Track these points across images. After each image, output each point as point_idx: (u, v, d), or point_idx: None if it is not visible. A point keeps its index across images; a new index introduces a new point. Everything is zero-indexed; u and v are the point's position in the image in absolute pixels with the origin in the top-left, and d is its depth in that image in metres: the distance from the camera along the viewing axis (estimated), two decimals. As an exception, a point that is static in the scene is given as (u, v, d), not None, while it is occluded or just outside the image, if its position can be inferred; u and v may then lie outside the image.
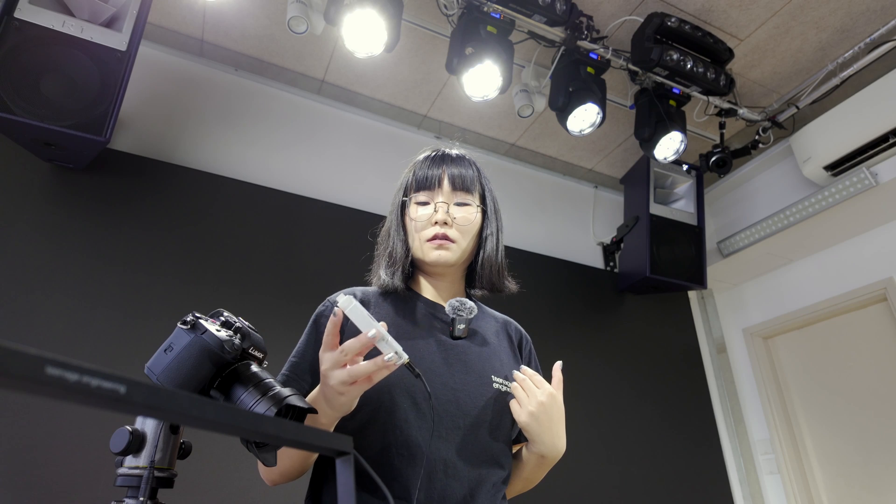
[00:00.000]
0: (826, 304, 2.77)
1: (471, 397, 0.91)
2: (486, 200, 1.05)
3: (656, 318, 3.02)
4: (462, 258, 1.01)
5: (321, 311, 0.99)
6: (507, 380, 0.96)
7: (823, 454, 2.74)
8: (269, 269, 2.13)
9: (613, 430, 2.58)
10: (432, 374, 0.91)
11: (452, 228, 0.98)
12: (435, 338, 0.97)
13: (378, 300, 1.02)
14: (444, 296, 1.04)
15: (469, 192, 1.01)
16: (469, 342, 0.98)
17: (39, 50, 1.68)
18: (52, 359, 0.25)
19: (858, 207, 2.53)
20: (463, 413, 0.90)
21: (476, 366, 0.95)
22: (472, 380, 0.93)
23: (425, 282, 1.06)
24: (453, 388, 0.91)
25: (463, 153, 1.08)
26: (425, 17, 2.23)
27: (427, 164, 1.03)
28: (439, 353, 0.94)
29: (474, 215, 1.01)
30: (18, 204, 1.82)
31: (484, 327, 1.04)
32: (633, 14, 2.24)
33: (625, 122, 2.76)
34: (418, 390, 0.89)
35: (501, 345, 1.03)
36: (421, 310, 1.01)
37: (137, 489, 0.62)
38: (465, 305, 0.97)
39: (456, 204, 1.00)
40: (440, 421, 0.88)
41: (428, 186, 1.00)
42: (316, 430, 0.46)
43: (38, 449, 1.56)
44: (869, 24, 2.26)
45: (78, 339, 1.74)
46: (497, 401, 0.93)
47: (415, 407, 0.88)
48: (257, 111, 2.45)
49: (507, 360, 1.01)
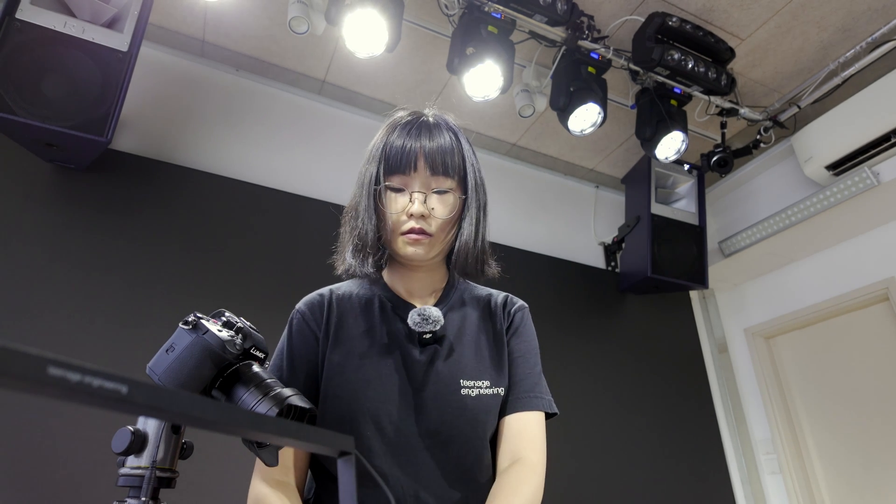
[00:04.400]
0: (828, 303, 2.76)
1: (438, 412, 0.87)
2: (467, 179, 0.94)
3: (657, 318, 3.02)
4: (439, 250, 0.93)
5: (290, 318, 0.96)
6: (479, 379, 0.91)
7: (825, 454, 2.74)
8: (270, 268, 2.13)
9: (614, 431, 2.58)
10: (393, 398, 0.87)
11: (429, 220, 0.89)
12: (400, 350, 0.91)
13: (344, 306, 0.95)
14: (418, 286, 0.98)
15: (448, 174, 0.90)
16: (438, 347, 0.91)
17: (41, 51, 1.68)
18: (54, 359, 0.26)
19: (860, 207, 2.52)
20: (429, 434, 0.86)
21: (444, 375, 0.89)
22: (439, 392, 0.88)
23: (398, 271, 0.99)
24: (417, 410, 0.87)
25: (442, 118, 0.96)
26: (426, 17, 2.23)
27: (402, 135, 0.91)
28: (403, 371, 0.89)
29: (454, 205, 0.91)
30: (20, 204, 1.82)
31: (461, 319, 0.97)
32: (634, 14, 2.24)
33: (626, 122, 2.76)
34: (383, 414, 0.85)
35: (480, 336, 0.96)
36: (388, 314, 0.94)
37: (139, 489, 0.62)
38: (428, 319, 0.88)
39: (434, 192, 0.90)
40: (404, 450, 0.85)
41: (402, 170, 0.89)
42: (316, 430, 0.46)
43: (40, 449, 1.57)
44: (870, 24, 2.26)
45: (80, 339, 1.74)
46: (467, 409, 0.88)
47: (379, 433, 0.84)
48: (258, 111, 2.45)
49: (485, 353, 0.95)
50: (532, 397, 0.94)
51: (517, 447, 0.90)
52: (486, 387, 0.91)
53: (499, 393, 0.92)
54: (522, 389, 0.95)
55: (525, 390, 0.95)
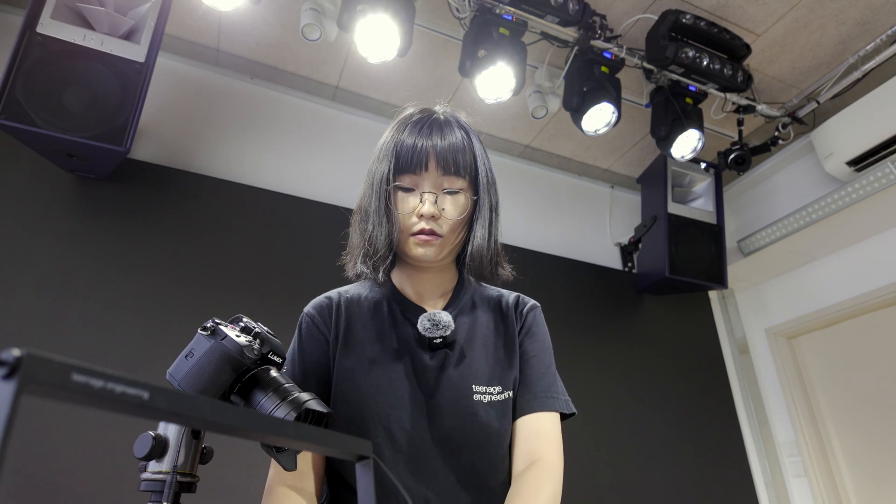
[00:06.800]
0: (851, 302, 2.71)
1: (450, 418, 0.86)
2: (479, 178, 0.92)
3: (676, 319, 2.98)
4: (450, 251, 0.92)
5: (299, 322, 0.95)
6: (491, 384, 0.89)
7: (851, 456, 2.68)
8: (286, 274, 2.15)
9: (635, 434, 2.54)
10: (404, 404, 0.86)
11: (440, 222, 0.88)
12: (410, 356, 0.89)
13: (353, 309, 0.95)
14: (428, 288, 0.97)
15: (459, 174, 0.89)
16: (449, 351, 0.90)
17: (61, 63, 1.72)
18: (77, 366, 0.26)
19: (883, 203, 2.47)
20: (441, 440, 0.85)
21: (455, 380, 0.88)
22: (451, 398, 0.87)
23: (407, 272, 0.97)
24: (429, 416, 0.86)
25: (452, 116, 0.95)
26: (437, 21, 2.24)
27: (413, 133, 0.89)
28: (413, 377, 0.88)
29: (465, 205, 0.90)
30: (43, 214, 1.86)
31: (472, 322, 0.95)
32: (646, 12, 2.22)
33: (640, 121, 2.73)
34: (394, 420, 0.84)
35: (491, 338, 0.95)
36: (398, 318, 0.93)
37: (161, 494, 0.63)
38: (438, 324, 0.87)
39: (445, 192, 0.89)
40: (415, 457, 0.84)
41: (412, 169, 0.87)
42: (335, 435, 0.46)
43: (64, 454, 1.59)
44: (890, 16, 2.21)
45: (101, 345, 1.77)
46: (479, 415, 0.86)
47: (389, 440, 0.84)
48: (273, 118, 2.48)
49: (496, 356, 0.93)
50: (548, 397, 0.92)
51: (534, 449, 0.88)
52: (498, 392, 0.89)
53: (510, 397, 0.91)
54: (538, 389, 0.93)
55: (541, 390, 0.93)
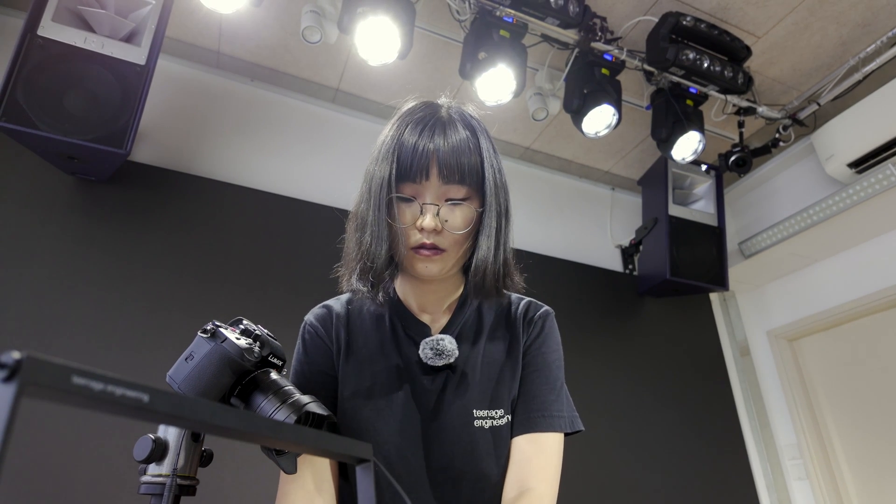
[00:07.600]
0: (853, 304, 2.70)
1: (449, 446, 0.82)
2: (486, 183, 0.82)
3: (677, 321, 2.98)
4: (455, 264, 0.85)
5: (301, 332, 0.93)
6: (494, 408, 0.84)
7: (854, 458, 2.67)
8: (287, 276, 2.15)
9: (636, 436, 2.54)
10: (403, 430, 0.82)
11: (443, 235, 0.80)
12: (411, 377, 0.85)
13: (354, 321, 0.91)
14: (432, 299, 0.91)
15: (463, 181, 0.79)
16: (451, 373, 0.85)
17: (62, 66, 1.72)
18: (77, 368, 0.26)
19: (884, 205, 2.47)
20: (439, 469, 0.81)
21: (455, 405, 0.83)
22: (450, 424, 0.82)
23: (409, 282, 0.91)
24: (426, 443, 0.82)
25: (458, 112, 0.85)
26: (438, 23, 2.24)
27: (415, 133, 0.80)
28: (412, 401, 0.84)
29: (469, 217, 0.81)
30: (43, 217, 1.86)
31: (476, 336, 0.91)
32: (647, 14, 2.22)
33: (641, 123, 2.73)
34: (392, 446, 0.81)
35: (496, 355, 0.89)
36: (399, 336, 0.89)
37: (161, 497, 0.62)
38: (442, 353, 0.82)
39: (448, 202, 0.80)
40: (413, 487, 0.80)
41: (413, 178, 0.78)
42: (335, 438, 0.46)
43: (64, 457, 1.59)
44: (891, 18, 2.21)
45: (102, 348, 1.77)
46: (479, 444, 0.82)
47: (386, 465, 0.80)
48: (273, 121, 2.48)
49: (501, 375, 0.88)
50: (545, 416, 0.85)
51: (524, 476, 0.81)
52: (500, 416, 0.84)
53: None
54: (534, 407, 0.85)
55: (537, 408, 0.85)
